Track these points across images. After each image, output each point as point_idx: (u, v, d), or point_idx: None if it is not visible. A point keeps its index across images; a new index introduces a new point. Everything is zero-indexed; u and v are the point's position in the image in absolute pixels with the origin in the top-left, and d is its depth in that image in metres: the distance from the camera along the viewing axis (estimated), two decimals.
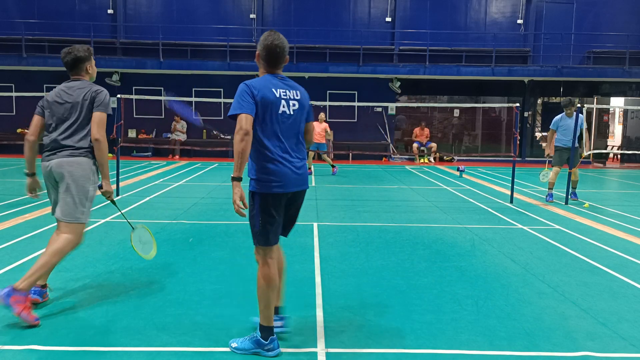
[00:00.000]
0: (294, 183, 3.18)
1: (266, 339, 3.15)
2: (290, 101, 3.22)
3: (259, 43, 3.27)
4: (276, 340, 3.18)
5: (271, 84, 3.20)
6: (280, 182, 3.13)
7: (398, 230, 6.73)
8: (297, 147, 3.24)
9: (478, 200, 9.45)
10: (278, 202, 3.17)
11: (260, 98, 3.10)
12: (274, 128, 3.15)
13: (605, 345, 3.35)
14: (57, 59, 18.03)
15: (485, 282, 4.64)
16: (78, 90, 3.83)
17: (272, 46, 3.21)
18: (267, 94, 3.13)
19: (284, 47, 3.26)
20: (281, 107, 3.17)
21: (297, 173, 3.19)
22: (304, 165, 3.27)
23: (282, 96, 3.19)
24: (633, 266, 5.23)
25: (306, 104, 3.32)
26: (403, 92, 20.07)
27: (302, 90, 3.35)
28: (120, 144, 9.37)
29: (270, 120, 3.14)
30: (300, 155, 3.26)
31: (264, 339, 3.15)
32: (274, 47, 3.22)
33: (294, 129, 3.22)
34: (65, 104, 3.81)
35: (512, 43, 20.06)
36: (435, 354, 3.20)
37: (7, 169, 13.46)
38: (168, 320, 3.62)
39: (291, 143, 3.21)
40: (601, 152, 18.10)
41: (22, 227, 6.41)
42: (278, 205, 3.17)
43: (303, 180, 3.25)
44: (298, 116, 3.24)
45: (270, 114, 3.13)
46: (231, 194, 3.06)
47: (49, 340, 3.26)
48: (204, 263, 5.07)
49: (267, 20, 20.04)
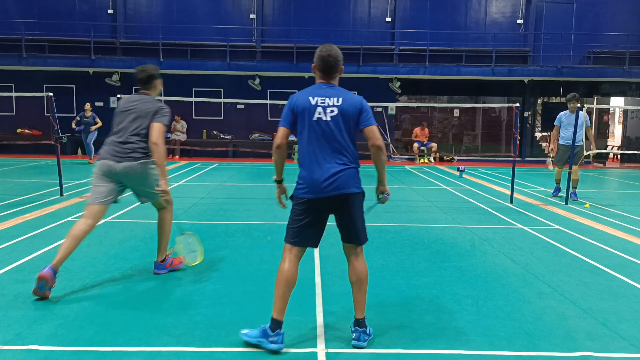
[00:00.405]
0: (323, 189, 3.21)
1: (273, 330, 3.21)
2: (328, 108, 3.26)
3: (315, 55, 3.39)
4: (282, 335, 3.22)
5: (311, 92, 3.33)
6: (306, 188, 3.24)
7: (398, 230, 6.73)
8: (334, 153, 3.24)
9: (478, 200, 9.45)
10: (307, 207, 3.25)
11: (296, 107, 3.29)
12: (309, 134, 3.26)
13: (605, 345, 3.35)
14: (57, 59, 18.08)
15: (485, 282, 4.63)
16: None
17: (325, 57, 3.34)
18: (303, 102, 3.28)
19: (337, 57, 3.35)
20: (316, 114, 3.26)
21: (328, 179, 3.20)
22: (340, 170, 3.23)
23: (319, 103, 3.27)
24: (633, 266, 5.23)
25: (349, 110, 3.27)
26: (403, 92, 20.06)
27: (348, 97, 3.32)
28: None
29: (305, 127, 3.27)
30: (338, 161, 3.24)
31: (271, 329, 3.22)
32: (326, 57, 3.34)
33: (332, 135, 3.24)
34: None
35: (512, 43, 20.05)
36: (435, 354, 3.20)
37: (7, 169, 13.46)
38: (168, 320, 3.62)
39: (327, 148, 3.24)
40: (601, 152, 18.09)
41: (22, 227, 6.41)
42: (306, 209, 3.25)
43: (338, 186, 3.21)
44: (338, 122, 3.25)
45: (304, 121, 3.27)
46: (231, 194, 3.14)
47: (49, 340, 3.26)
48: (204, 263, 5.07)
49: (267, 20, 20.04)
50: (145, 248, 5.58)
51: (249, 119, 19.57)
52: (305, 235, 3.31)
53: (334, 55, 3.33)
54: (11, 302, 3.88)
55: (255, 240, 6.03)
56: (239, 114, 19.53)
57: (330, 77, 3.39)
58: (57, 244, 5.60)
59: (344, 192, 3.24)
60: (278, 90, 18.87)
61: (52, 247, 5.47)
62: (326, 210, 3.31)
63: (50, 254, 5.20)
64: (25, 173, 12.59)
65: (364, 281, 3.38)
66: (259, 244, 5.83)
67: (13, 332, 3.36)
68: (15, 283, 4.32)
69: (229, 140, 19.14)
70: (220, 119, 19.64)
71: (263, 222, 7.07)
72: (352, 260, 3.40)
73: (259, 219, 7.24)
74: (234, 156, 19.08)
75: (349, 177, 3.25)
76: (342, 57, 3.39)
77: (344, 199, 3.26)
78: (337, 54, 3.35)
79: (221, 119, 19.62)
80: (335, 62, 3.35)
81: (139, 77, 4.63)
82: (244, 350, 3.20)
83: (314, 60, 3.39)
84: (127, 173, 4.36)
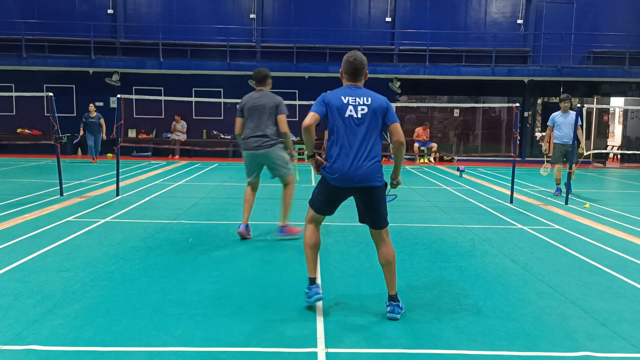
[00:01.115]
0: (352, 180, 3.63)
1: (308, 287, 3.88)
2: (359, 106, 3.67)
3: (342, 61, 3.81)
4: (314, 287, 3.84)
5: (342, 92, 3.74)
6: (337, 177, 3.67)
7: (398, 230, 6.73)
8: (362, 148, 3.64)
9: (478, 200, 9.45)
10: (334, 191, 3.75)
11: (330, 102, 3.71)
12: (341, 130, 3.66)
13: (605, 345, 3.35)
14: (57, 59, 18.08)
15: (485, 282, 4.63)
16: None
17: (352, 61, 3.74)
18: (335, 100, 3.70)
19: (362, 62, 3.76)
20: (348, 111, 3.66)
21: (357, 172, 3.62)
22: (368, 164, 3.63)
23: (351, 102, 3.68)
24: (633, 266, 5.23)
25: (378, 108, 3.68)
26: (403, 92, 20.06)
27: (376, 97, 3.73)
28: (120, 144, 9.37)
29: (336, 123, 3.67)
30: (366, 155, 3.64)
31: (308, 286, 3.88)
32: (353, 61, 3.74)
33: (361, 131, 3.65)
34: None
35: (512, 43, 20.05)
36: (436, 354, 3.20)
37: (7, 169, 13.46)
38: (168, 320, 3.62)
39: (356, 143, 3.64)
40: (601, 152, 18.10)
41: (22, 227, 6.41)
42: (333, 192, 3.77)
43: (364, 179, 3.63)
44: (367, 120, 3.65)
45: (335, 117, 3.68)
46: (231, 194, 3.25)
47: (49, 340, 3.26)
48: (204, 263, 5.07)
49: (267, 20, 20.04)
50: (145, 248, 5.58)
51: None
52: (325, 209, 3.88)
53: (359, 60, 3.74)
54: (11, 302, 3.88)
55: (255, 240, 6.03)
56: None
57: (357, 80, 3.79)
58: (57, 244, 5.61)
59: (370, 185, 3.66)
60: (278, 90, 18.67)
61: (52, 247, 5.48)
62: (349, 196, 3.79)
63: (51, 254, 5.21)
64: (25, 173, 12.59)
65: (392, 263, 3.78)
66: (258, 244, 5.83)
67: (13, 332, 3.36)
68: (15, 283, 4.32)
69: (229, 140, 19.13)
70: (220, 119, 19.63)
71: (263, 222, 7.07)
72: (381, 246, 3.81)
73: (259, 219, 7.23)
74: (234, 156, 19.08)
75: (374, 171, 3.66)
76: (366, 62, 3.80)
77: (369, 190, 3.68)
78: (363, 59, 3.76)
79: (221, 119, 19.62)
80: (361, 66, 3.75)
81: (257, 77, 6.19)
82: (244, 350, 3.20)
83: (342, 66, 3.80)
84: (265, 156, 5.94)
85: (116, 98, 9.53)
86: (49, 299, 3.96)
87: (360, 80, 3.80)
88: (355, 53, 3.78)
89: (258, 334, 3.42)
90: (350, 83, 3.79)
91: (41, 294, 4.07)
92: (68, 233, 6.14)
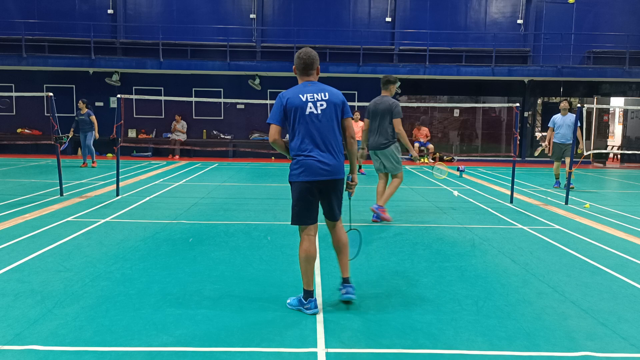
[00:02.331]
0: (319, 173, 3.72)
1: (305, 299, 3.78)
2: (318, 102, 3.78)
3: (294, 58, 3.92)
4: (314, 301, 3.76)
5: (299, 90, 3.82)
6: (304, 172, 3.72)
7: (398, 230, 6.73)
8: (325, 142, 3.76)
9: (478, 200, 9.45)
10: (303, 188, 3.74)
11: (288, 105, 3.75)
12: (303, 127, 3.73)
13: (605, 345, 3.35)
14: (57, 59, 18.07)
15: (485, 282, 4.63)
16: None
17: (304, 57, 3.87)
18: (294, 100, 3.76)
19: (313, 57, 3.89)
20: (308, 109, 3.75)
21: (326, 165, 3.72)
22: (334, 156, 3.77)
23: (309, 99, 3.77)
24: (633, 266, 5.23)
25: (336, 101, 3.84)
26: (403, 92, 20.06)
27: (332, 91, 3.87)
28: (120, 144, 9.37)
29: (298, 121, 3.73)
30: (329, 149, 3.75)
31: (304, 299, 3.79)
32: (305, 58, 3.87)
33: (323, 125, 3.76)
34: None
35: (512, 43, 20.05)
36: (435, 354, 3.20)
37: (7, 169, 13.46)
38: (168, 320, 3.62)
39: (319, 138, 3.74)
40: (601, 152, 18.09)
41: (22, 227, 6.41)
42: (303, 190, 3.74)
43: (333, 172, 3.75)
44: (327, 114, 3.77)
45: (297, 116, 3.73)
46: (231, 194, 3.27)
47: (49, 340, 3.26)
48: (204, 263, 5.07)
49: (267, 20, 20.04)
50: (145, 248, 5.58)
51: (249, 119, 19.58)
52: (307, 215, 3.81)
53: (309, 55, 3.87)
54: (11, 302, 3.88)
55: (255, 240, 6.04)
56: (238, 114, 19.54)
57: (309, 75, 3.91)
58: (57, 244, 5.61)
59: (337, 178, 3.80)
60: (278, 90, 18.61)
61: (52, 247, 5.48)
62: (321, 191, 3.81)
63: (51, 254, 5.21)
64: (25, 173, 12.59)
65: (346, 246, 4.01)
66: (258, 244, 5.83)
67: (13, 332, 3.36)
68: (15, 283, 4.32)
69: (229, 140, 19.14)
70: (220, 119, 19.64)
71: (263, 222, 7.07)
72: (336, 233, 4.00)
73: (259, 219, 7.24)
74: (234, 156, 19.09)
75: (340, 164, 3.80)
76: (317, 58, 3.92)
77: (337, 182, 3.82)
78: (313, 55, 3.89)
79: (221, 119, 19.63)
80: (310, 61, 3.87)
81: (381, 82, 7.16)
82: (244, 350, 3.20)
83: (294, 63, 3.90)
84: (384, 154, 7.04)
85: (116, 98, 9.53)
86: (49, 299, 3.96)
87: (312, 75, 3.92)
88: (306, 49, 3.91)
89: (258, 334, 3.41)
90: (305, 79, 3.91)
91: (41, 294, 4.08)
92: (68, 233, 6.14)
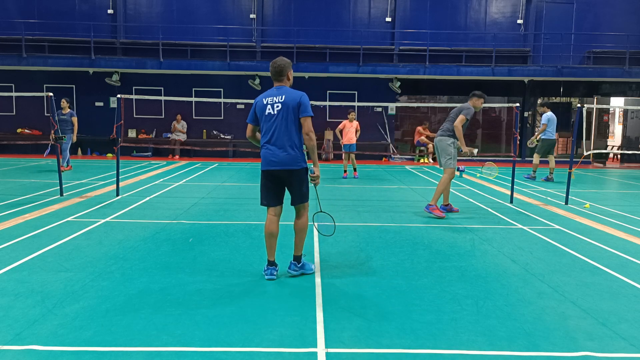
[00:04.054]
0: (275, 164, 4.43)
1: (266, 267, 4.61)
2: (275, 104, 4.41)
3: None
4: (271, 269, 4.58)
5: (266, 94, 4.51)
6: (264, 163, 4.50)
7: (398, 230, 6.73)
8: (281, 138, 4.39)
9: (478, 200, 9.45)
10: (265, 176, 4.54)
11: (256, 107, 4.54)
12: (265, 125, 4.47)
13: (605, 345, 3.35)
14: (57, 59, 18.07)
15: (485, 282, 4.64)
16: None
17: (275, 65, 4.49)
18: (259, 103, 4.51)
19: (282, 65, 4.48)
20: (267, 110, 4.44)
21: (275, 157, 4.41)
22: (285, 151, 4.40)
23: (269, 102, 4.44)
24: (633, 266, 5.23)
25: (291, 103, 4.38)
26: (403, 92, 20.05)
27: (290, 94, 4.42)
28: (120, 144, 9.37)
29: (262, 120, 4.50)
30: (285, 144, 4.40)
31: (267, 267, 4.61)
32: (275, 65, 4.49)
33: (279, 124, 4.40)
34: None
35: (512, 43, 20.05)
36: (435, 354, 3.20)
37: (7, 169, 13.45)
38: (168, 320, 3.62)
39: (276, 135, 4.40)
40: (601, 152, 18.09)
41: (22, 227, 6.41)
42: (265, 177, 4.54)
43: (282, 163, 4.41)
44: (282, 114, 4.39)
45: (260, 116, 4.50)
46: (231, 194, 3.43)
47: (49, 340, 3.26)
48: (204, 263, 5.07)
49: (267, 20, 20.03)
50: (145, 248, 5.58)
51: None
52: (268, 197, 4.58)
53: (279, 63, 4.47)
54: (11, 302, 3.88)
55: (255, 240, 6.03)
56: (238, 114, 19.52)
57: (279, 81, 4.52)
58: (57, 244, 5.61)
59: (289, 168, 4.43)
60: None
61: (52, 247, 5.48)
62: (278, 179, 4.50)
63: (51, 254, 5.21)
64: (25, 173, 12.59)
65: (304, 230, 4.65)
66: (259, 244, 5.82)
67: (13, 332, 3.36)
68: (15, 283, 4.32)
69: (229, 140, 19.14)
70: (220, 119, 19.64)
71: (263, 222, 7.06)
72: (299, 216, 4.64)
73: (259, 219, 7.23)
74: (234, 156, 19.09)
75: (292, 156, 4.41)
76: (288, 65, 4.49)
77: (290, 172, 4.45)
78: (282, 63, 4.48)
79: (221, 119, 19.62)
80: (279, 68, 4.47)
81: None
82: (244, 350, 3.20)
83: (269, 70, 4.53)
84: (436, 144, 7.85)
85: (116, 98, 9.53)
86: (49, 299, 3.96)
87: (282, 80, 4.51)
88: (278, 58, 4.51)
89: (258, 334, 3.42)
90: (276, 84, 4.53)
91: (41, 294, 4.08)
92: (68, 233, 6.14)
